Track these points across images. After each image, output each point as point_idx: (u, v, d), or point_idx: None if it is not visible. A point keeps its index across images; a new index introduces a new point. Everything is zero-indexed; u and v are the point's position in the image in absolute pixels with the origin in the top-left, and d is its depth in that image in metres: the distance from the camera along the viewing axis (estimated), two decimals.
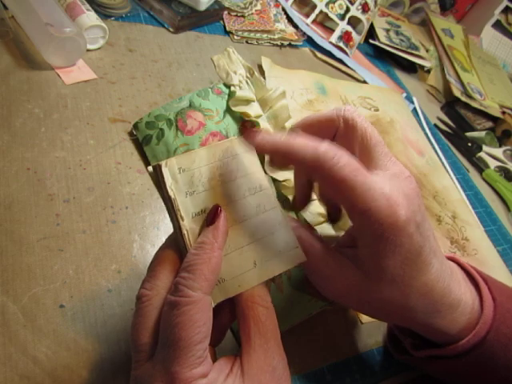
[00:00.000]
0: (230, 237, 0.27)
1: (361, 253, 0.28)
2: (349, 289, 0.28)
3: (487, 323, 0.31)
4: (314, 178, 0.30)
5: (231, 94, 0.46)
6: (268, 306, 0.26)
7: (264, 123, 0.45)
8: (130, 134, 0.45)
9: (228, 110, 0.46)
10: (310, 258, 0.28)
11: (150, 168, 0.26)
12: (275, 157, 0.30)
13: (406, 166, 0.29)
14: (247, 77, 0.48)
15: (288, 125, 0.45)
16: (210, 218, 0.26)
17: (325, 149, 0.25)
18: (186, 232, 0.26)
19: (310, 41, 0.74)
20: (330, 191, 0.27)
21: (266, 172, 0.30)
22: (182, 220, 0.26)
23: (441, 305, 0.29)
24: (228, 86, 0.47)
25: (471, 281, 0.33)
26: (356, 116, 0.28)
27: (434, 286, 0.28)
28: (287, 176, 0.40)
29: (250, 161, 0.28)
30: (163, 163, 0.26)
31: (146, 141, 0.43)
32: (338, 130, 0.29)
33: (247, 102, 0.46)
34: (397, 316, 0.30)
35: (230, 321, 0.28)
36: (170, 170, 0.26)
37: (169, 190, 0.26)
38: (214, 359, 0.25)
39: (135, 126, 0.44)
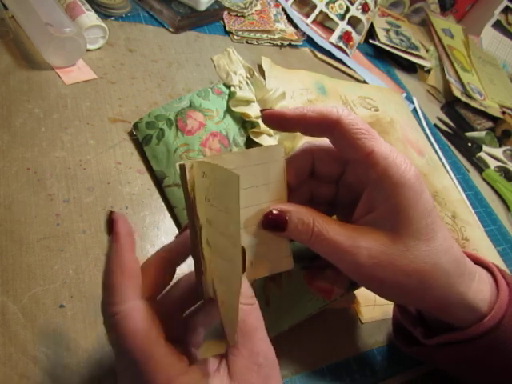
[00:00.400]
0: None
1: (382, 210, 0.28)
2: (373, 259, 0.27)
3: (502, 308, 0.31)
4: (332, 137, 0.29)
5: (231, 95, 0.46)
6: (249, 302, 0.25)
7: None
8: (130, 134, 0.45)
9: (228, 111, 0.46)
10: (328, 237, 0.28)
11: (177, 165, 0.27)
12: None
13: None
14: (247, 77, 0.48)
15: None
16: (108, 226, 0.26)
17: (342, 108, 0.28)
18: (198, 230, 0.26)
19: (310, 41, 0.74)
20: (350, 146, 0.28)
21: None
22: (198, 220, 0.26)
23: (463, 265, 0.29)
24: (228, 87, 0.47)
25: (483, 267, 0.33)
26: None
27: (453, 244, 0.29)
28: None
29: (273, 170, 0.29)
30: (188, 166, 0.26)
31: (146, 141, 0.43)
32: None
33: (247, 102, 0.46)
34: (425, 283, 0.28)
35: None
36: (195, 172, 0.27)
37: (189, 190, 0.26)
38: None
39: (135, 126, 0.44)
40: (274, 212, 0.28)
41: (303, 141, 0.44)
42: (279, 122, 0.30)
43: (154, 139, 0.43)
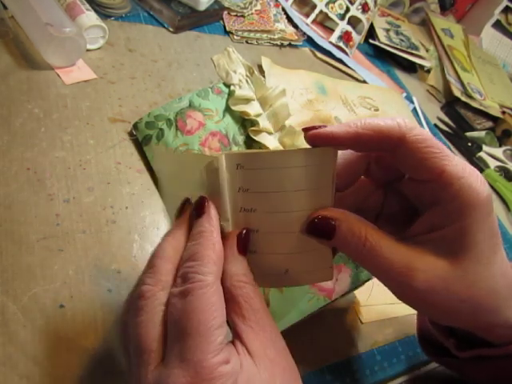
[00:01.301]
0: (269, 240, 0.27)
1: (447, 231, 0.25)
2: (428, 283, 0.25)
3: None
4: (395, 156, 0.26)
5: (231, 94, 0.46)
6: (254, 283, 0.25)
7: (264, 122, 0.45)
8: (130, 134, 0.45)
9: (228, 110, 0.46)
10: (381, 254, 0.26)
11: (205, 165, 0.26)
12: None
13: None
14: (247, 76, 0.48)
15: (288, 123, 0.46)
16: (198, 208, 0.26)
17: (402, 119, 0.25)
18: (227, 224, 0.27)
19: (309, 41, 0.74)
20: (418, 166, 0.25)
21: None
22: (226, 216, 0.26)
23: None
24: (228, 86, 0.47)
25: None
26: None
27: (508, 265, 0.28)
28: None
29: (321, 175, 0.26)
30: (223, 156, 0.26)
31: (145, 141, 0.43)
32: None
33: (247, 100, 0.46)
34: (478, 308, 0.27)
35: None
36: (227, 162, 0.26)
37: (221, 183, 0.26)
38: None
39: (135, 126, 0.44)
40: (322, 217, 0.26)
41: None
42: (329, 143, 0.26)
43: (154, 139, 0.43)
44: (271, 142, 0.45)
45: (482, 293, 0.26)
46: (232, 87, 0.47)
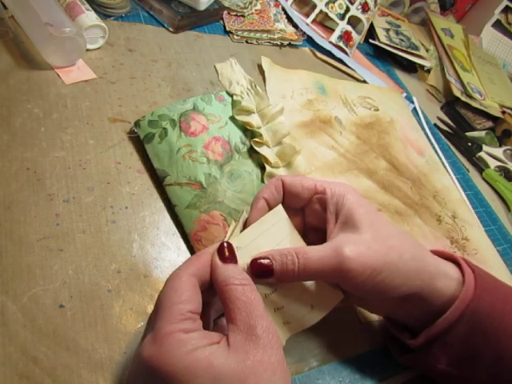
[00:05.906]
0: (289, 292, 0.33)
1: (342, 218, 0.33)
2: (355, 248, 0.31)
3: (469, 291, 0.33)
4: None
5: (235, 103, 0.48)
6: (244, 283, 0.28)
7: (265, 134, 0.47)
8: (130, 131, 0.45)
9: (230, 118, 0.47)
10: (311, 255, 0.31)
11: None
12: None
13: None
14: (248, 89, 0.50)
15: (285, 140, 0.47)
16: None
17: (266, 192, 0.36)
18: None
19: (309, 40, 0.74)
20: (299, 196, 0.36)
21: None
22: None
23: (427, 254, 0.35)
24: (230, 95, 0.48)
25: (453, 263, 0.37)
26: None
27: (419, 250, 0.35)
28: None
29: (285, 225, 0.34)
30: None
31: (147, 139, 0.43)
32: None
33: (248, 112, 0.47)
34: (403, 254, 0.33)
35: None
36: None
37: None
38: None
39: (137, 123, 0.44)
40: (257, 262, 0.31)
41: (298, 156, 0.47)
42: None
43: (157, 138, 0.43)
44: (270, 156, 0.46)
45: (397, 241, 0.33)
46: (235, 97, 0.48)
